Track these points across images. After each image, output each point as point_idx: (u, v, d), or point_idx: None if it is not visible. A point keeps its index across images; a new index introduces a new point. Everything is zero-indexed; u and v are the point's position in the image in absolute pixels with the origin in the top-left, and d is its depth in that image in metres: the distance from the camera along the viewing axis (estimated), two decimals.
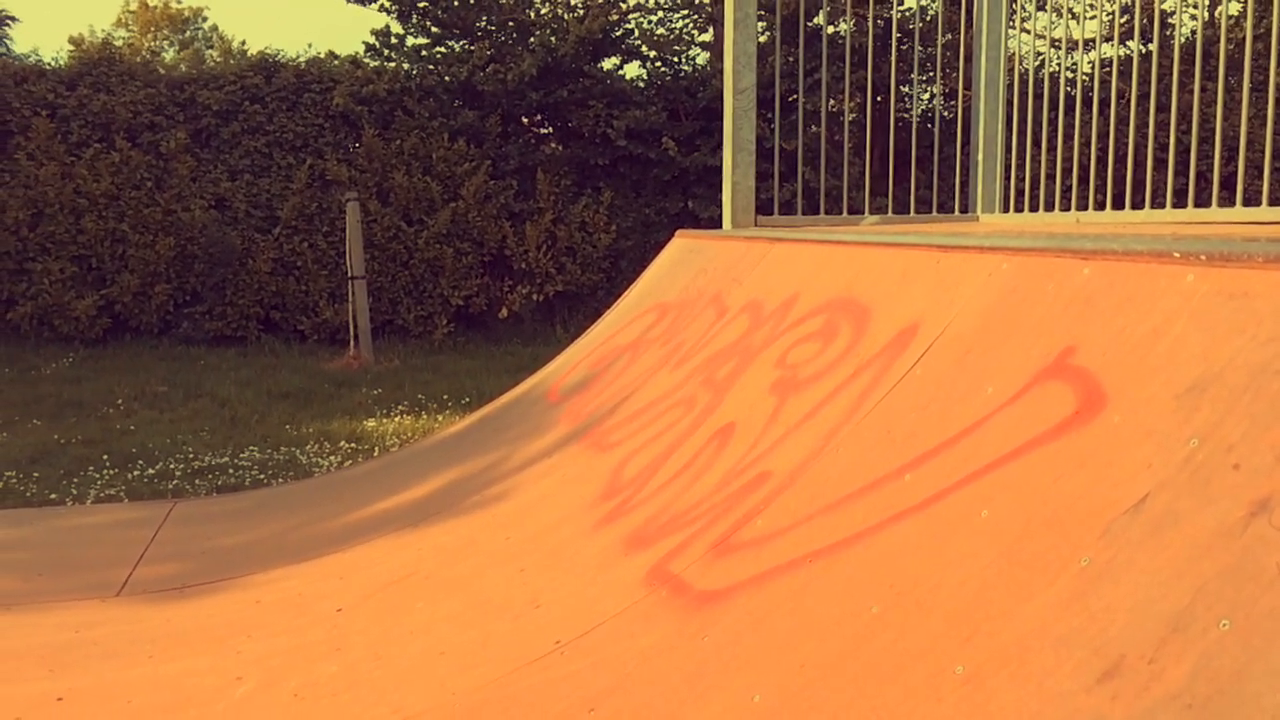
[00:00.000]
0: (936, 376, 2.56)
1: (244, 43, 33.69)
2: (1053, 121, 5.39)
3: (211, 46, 31.84)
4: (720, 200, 6.25)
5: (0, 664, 3.23)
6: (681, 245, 5.96)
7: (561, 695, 2.42)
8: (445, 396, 8.77)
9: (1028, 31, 6.18)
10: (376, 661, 3.00)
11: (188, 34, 32.85)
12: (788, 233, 4.88)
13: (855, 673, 1.88)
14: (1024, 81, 5.96)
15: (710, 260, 5.19)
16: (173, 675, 3.09)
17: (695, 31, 15.23)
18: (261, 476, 6.20)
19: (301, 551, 4.15)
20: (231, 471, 6.33)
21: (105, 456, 6.64)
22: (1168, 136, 4.40)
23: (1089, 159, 5.07)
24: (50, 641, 3.39)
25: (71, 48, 12.52)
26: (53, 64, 12.27)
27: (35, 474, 6.24)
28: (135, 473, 6.29)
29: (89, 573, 4.21)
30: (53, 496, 5.78)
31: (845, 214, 6.35)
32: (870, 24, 7.14)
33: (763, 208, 6.10)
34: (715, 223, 12.01)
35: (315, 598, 3.62)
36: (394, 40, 12.95)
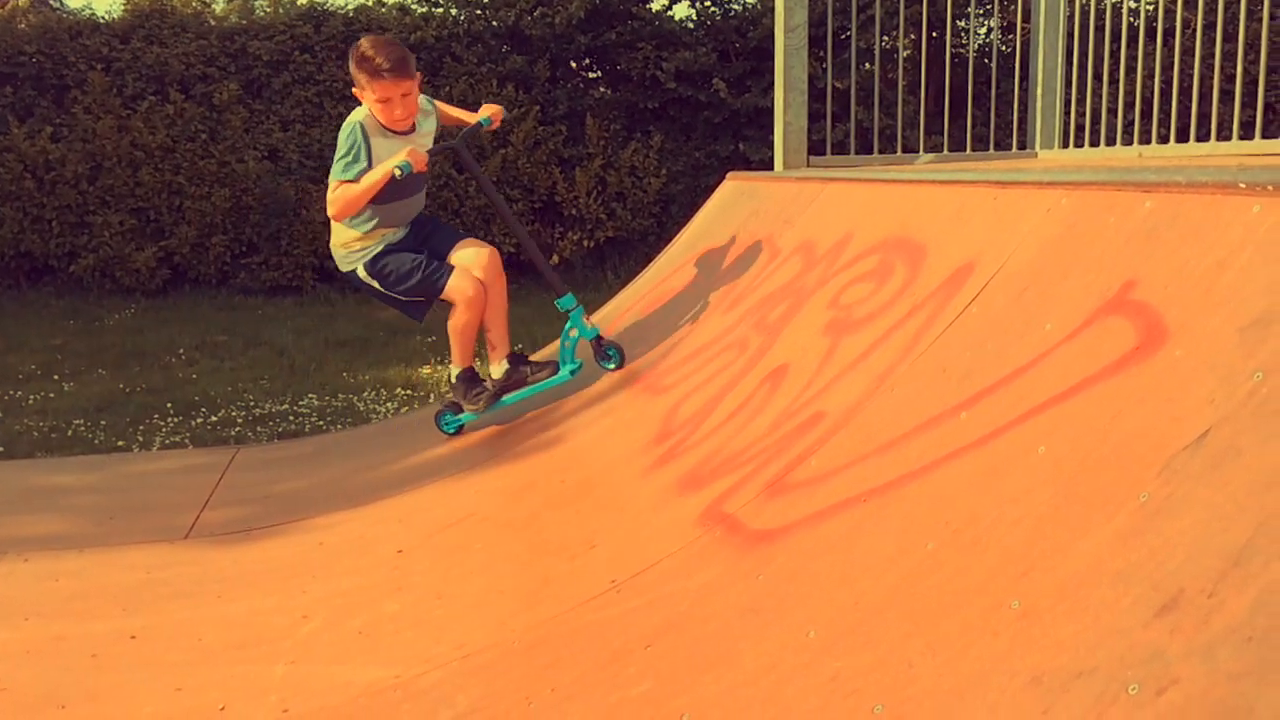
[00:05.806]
0: (993, 314, 2.53)
1: None
2: (1114, 54, 5.24)
3: None
4: (772, 142, 6.17)
5: (76, 603, 3.35)
6: (733, 188, 5.91)
7: (618, 632, 2.45)
8: None
9: None
10: (438, 600, 3.07)
11: None
12: (841, 172, 4.82)
13: (910, 608, 1.88)
14: (1084, 13, 5.79)
15: (762, 202, 5.14)
16: (241, 614, 3.18)
17: None
18: (320, 423, 6.31)
19: (362, 495, 4.24)
20: (291, 418, 6.45)
21: (169, 404, 6.80)
22: (1234, 67, 4.27)
23: (1152, 92, 4.93)
24: (123, 582, 3.51)
25: (124, 1, 12.55)
26: (106, 17, 12.37)
27: (102, 422, 6.40)
28: (199, 420, 6.44)
29: (158, 516, 4.33)
30: (120, 443, 5.94)
31: (900, 153, 6.26)
32: None
33: (815, 149, 6.02)
34: (766, 165, 11.87)
35: (376, 540, 3.70)
36: None
